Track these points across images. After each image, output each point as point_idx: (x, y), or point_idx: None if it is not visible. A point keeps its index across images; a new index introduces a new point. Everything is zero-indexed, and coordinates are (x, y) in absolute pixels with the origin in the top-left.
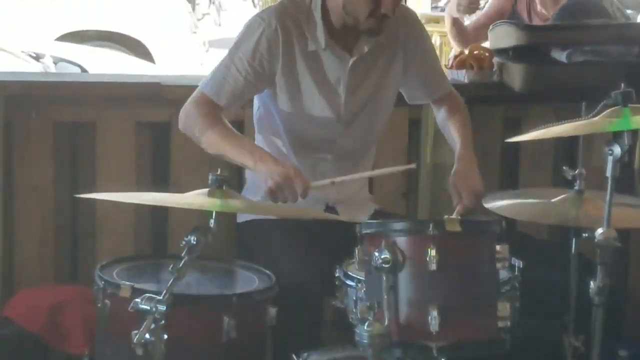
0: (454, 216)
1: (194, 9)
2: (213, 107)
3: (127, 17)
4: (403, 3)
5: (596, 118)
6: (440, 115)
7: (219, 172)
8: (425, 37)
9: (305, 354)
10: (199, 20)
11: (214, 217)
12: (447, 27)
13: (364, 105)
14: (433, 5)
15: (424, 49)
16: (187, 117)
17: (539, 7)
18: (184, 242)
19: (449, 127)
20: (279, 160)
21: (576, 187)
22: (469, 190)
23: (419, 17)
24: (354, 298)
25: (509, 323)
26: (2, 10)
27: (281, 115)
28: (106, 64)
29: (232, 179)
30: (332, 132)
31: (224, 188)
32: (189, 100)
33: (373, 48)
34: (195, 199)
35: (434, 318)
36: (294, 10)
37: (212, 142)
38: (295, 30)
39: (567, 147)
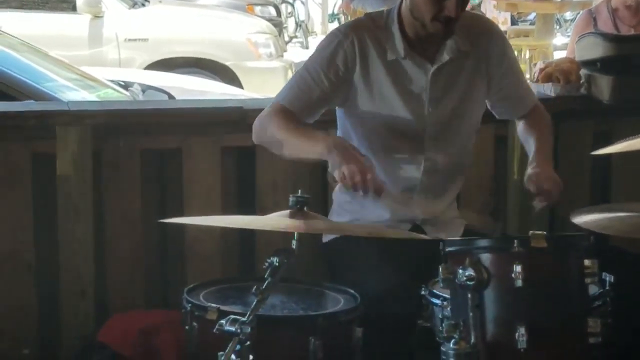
0: (537, 204)
1: (280, 32)
2: (287, 113)
3: (214, 43)
4: (481, 14)
5: None
6: (520, 126)
7: (299, 194)
8: (509, 52)
9: None
10: (286, 43)
11: (296, 238)
12: None
13: (449, 118)
14: (521, 20)
15: (508, 64)
16: (261, 125)
17: None
18: (266, 264)
19: (527, 135)
20: (353, 153)
21: None
22: (548, 179)
23: (508, 33)
24: (440, 316)
25: (600, 339)
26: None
27: (364, 132)
28: (194, 91)
29: (315, 201)
30: (418, 145)
31: (305, 209)
32: (264, 111)
33: (455, 58)
34: (277, 220)
35: (521, 336)
36: (372, 25)
37: (284, 139)
38: (373, 42)
39: None
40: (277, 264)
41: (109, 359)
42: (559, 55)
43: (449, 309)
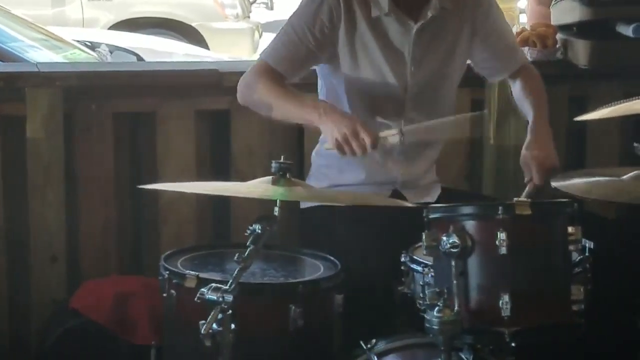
0: (523, 196)
1: None
2: (274, 74)
3: (180, 3)
4: None
5: None
6: (515, 88)
7: (282, 160)
8: (494, 9)
9: (374, 341)
10: (251, 4)
11: (278, 205)
12: None
13: (431, 77)
14: None
15: (493, 21)
16: (247, 86)
17: None
18: (248, 232)
19: (523, 99)
20: (345, 112)
21: None
22: (541, 166)
23: None
24: (421, 283)
25: (583, 306)
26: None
27: (346, 89)
28: (162, 52)
29: (294, 166)
30: (399, 105)
31: (287, 176)
32: (249, 70)
33: (438, 15)
34: (260, 187)
35: (505, 303)
36: None
37: (273, 103)
38: None
39: (633, 124)
40: (259, 231)
41: (82, 326)
42: (523, 18)
43: (430, 275)
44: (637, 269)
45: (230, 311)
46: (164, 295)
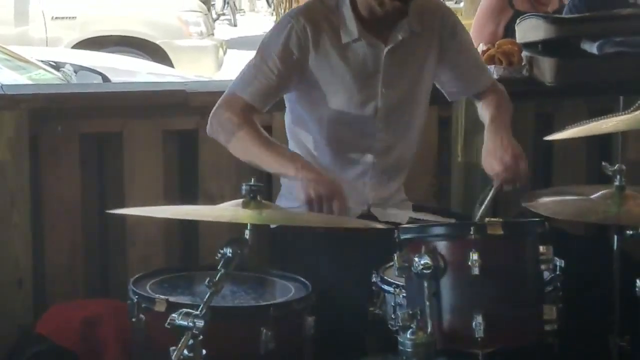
0: (493, 190)
1: (209, 9)
2: (245, 108)
3: (144, 22)
4: None
5: (638, 112)
6: (479, 107)
7: (252, 182)
8: (460, 30)
9: None
10: (214, 21)
11: (249, 229)
12: None
13: (401, 99)
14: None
15: (459, 41)
16: (217, 121)
17: None
18: (219, 255)
19: (483, 111)
20: (323, 171)
21: (617, 183)
22: (501, 162)
23: None
24: (392, 304)
25: (555, 326)
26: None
27: (316, 116)
28: (125, 70)
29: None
30: (370, 127)
31: (258, 198)
32: (219, 102)
33: (408, 38)
34: (230, 211)
35: (478, 324)
36: (323, 8)
37: (244, 146)
38: (326, 26)
39: (599, 142)
40: (230, 254)
41: (49, 351)
42: None
43: (401, 296)
44: (607, 287)
45: (201, 337)
46: (133, 319)
